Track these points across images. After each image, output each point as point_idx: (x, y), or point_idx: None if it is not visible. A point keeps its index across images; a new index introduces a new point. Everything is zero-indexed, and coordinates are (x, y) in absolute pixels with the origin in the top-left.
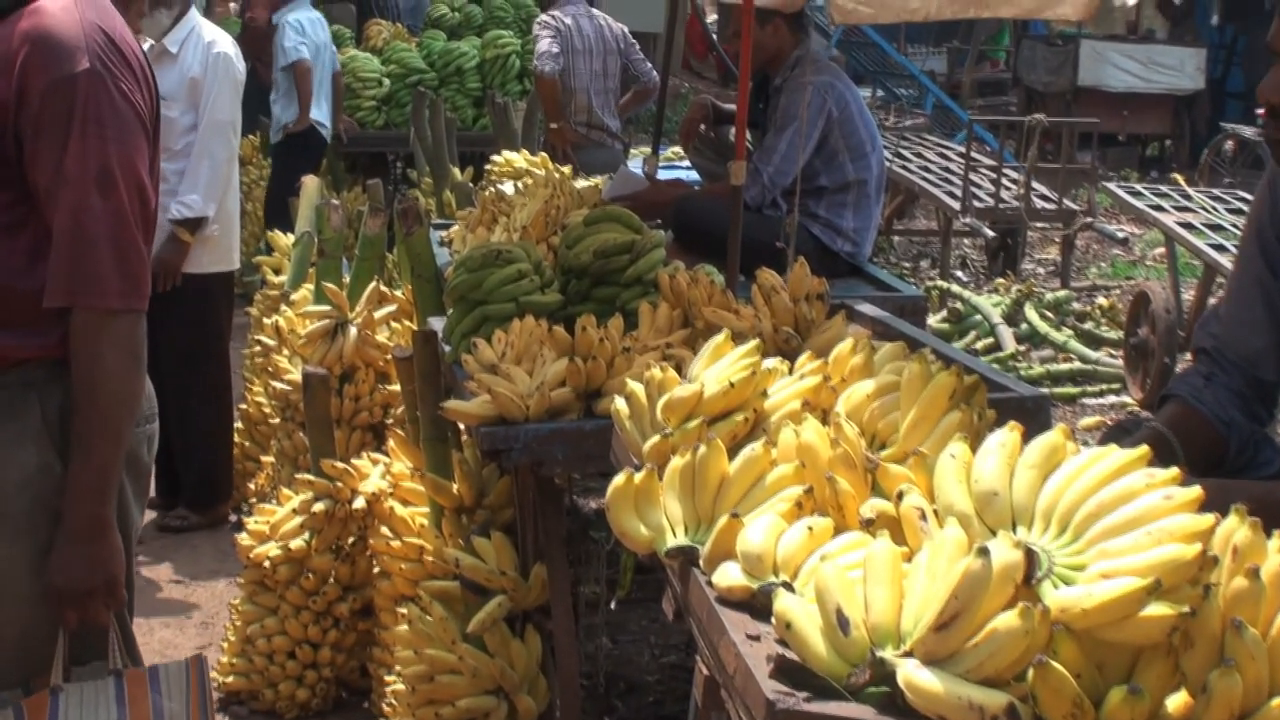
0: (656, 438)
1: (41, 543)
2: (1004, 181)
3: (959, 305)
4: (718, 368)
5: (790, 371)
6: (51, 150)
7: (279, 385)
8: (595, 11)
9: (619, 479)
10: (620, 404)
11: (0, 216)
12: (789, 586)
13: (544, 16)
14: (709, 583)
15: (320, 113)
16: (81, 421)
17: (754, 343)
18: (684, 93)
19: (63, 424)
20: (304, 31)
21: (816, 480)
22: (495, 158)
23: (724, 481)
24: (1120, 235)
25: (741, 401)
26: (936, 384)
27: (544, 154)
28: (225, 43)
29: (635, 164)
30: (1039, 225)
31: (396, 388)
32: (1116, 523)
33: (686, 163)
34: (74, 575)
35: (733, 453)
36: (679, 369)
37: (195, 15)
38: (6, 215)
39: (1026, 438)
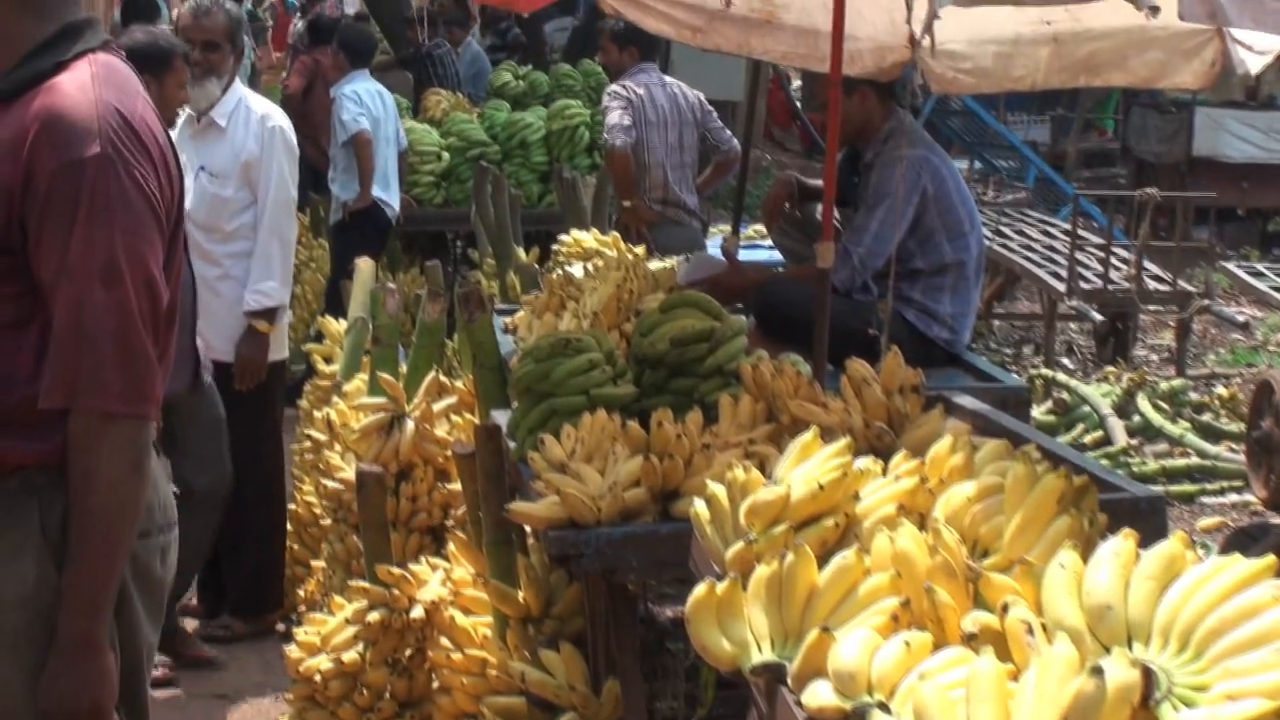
0: (740, 544)
1: (40, 660)
2: (1113, 261)
3: (1065, 396)
4: (805, 468)
5: (884, 472)
6: (55, 239)
7: (330, 484)
8: (669, 80)
9: (699, 589)
10: (700, 507)
11: (5, 311)
12: (885, 707)
13: (614, 86)
14: (798, 702)
15: (385, 191)
16: (76, 531)
17: (844, 441)
18: (766, 165)
19: (65, 535)
20: (361, 102)
21: (914, 591)
22: (563, 237)
23: (813, 592)
24: (1240, 319)
25: (831, 505)
26: (1043, 486)
27: (616, 233)
28: (278, 115)
29: (714, 242)
30: (1152, 308)
31: (457, 487)
32: (1242, 639)
33: (769, 241)
34: (57, 697)
35: (822, 561)
36: (763, 468)
37: (240, 86)
38: (11, 310)
39: (1142, 542)
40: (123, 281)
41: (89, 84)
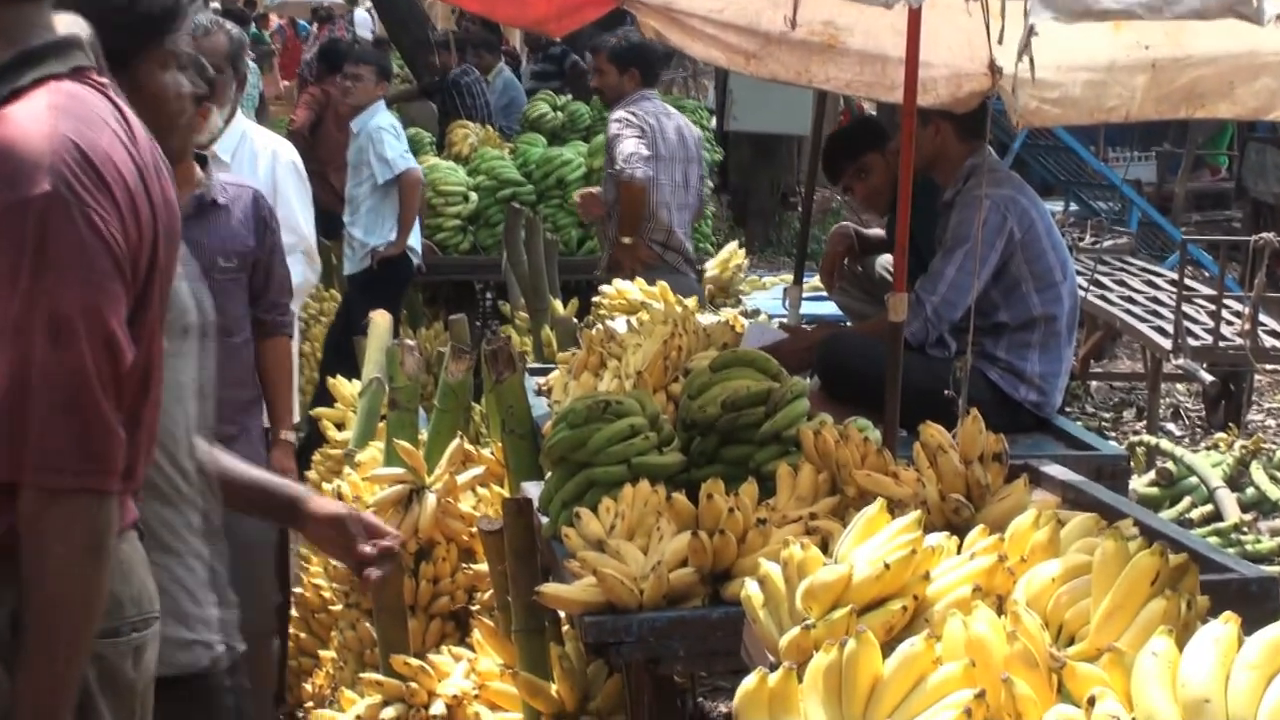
0: (796, 630)
1: None
2: (1225, 315)
3: (1170, 465)
4: (871, 545)
5: (959, 550)
6: None
7: (341, 565)
8: (673, 110)
9: (750, 680)
10: (753, 589)
11: None
12: None
13: (621, 113)
14: None
15: (410, 236)
16: (29, 626)
17: (916, 514)
18: (835, 207)
19: (15, 633)
20: (400, 137)
21: (990, 683)
22: (605, 288)
23: (877, 684)
24: None
25: (899, 586)
26: (1136, 565)
27: (663, 284)
28: (287, 149)
29: (774, 293)
30: (1269, 368)
31: (483, 567)
32: None
33: None
34: None
35: (888, 649)
36: (824, 546)
37: (243, 118)
38: None
39: (1250, 629)
40: (76, 339)
41: (43, 114)
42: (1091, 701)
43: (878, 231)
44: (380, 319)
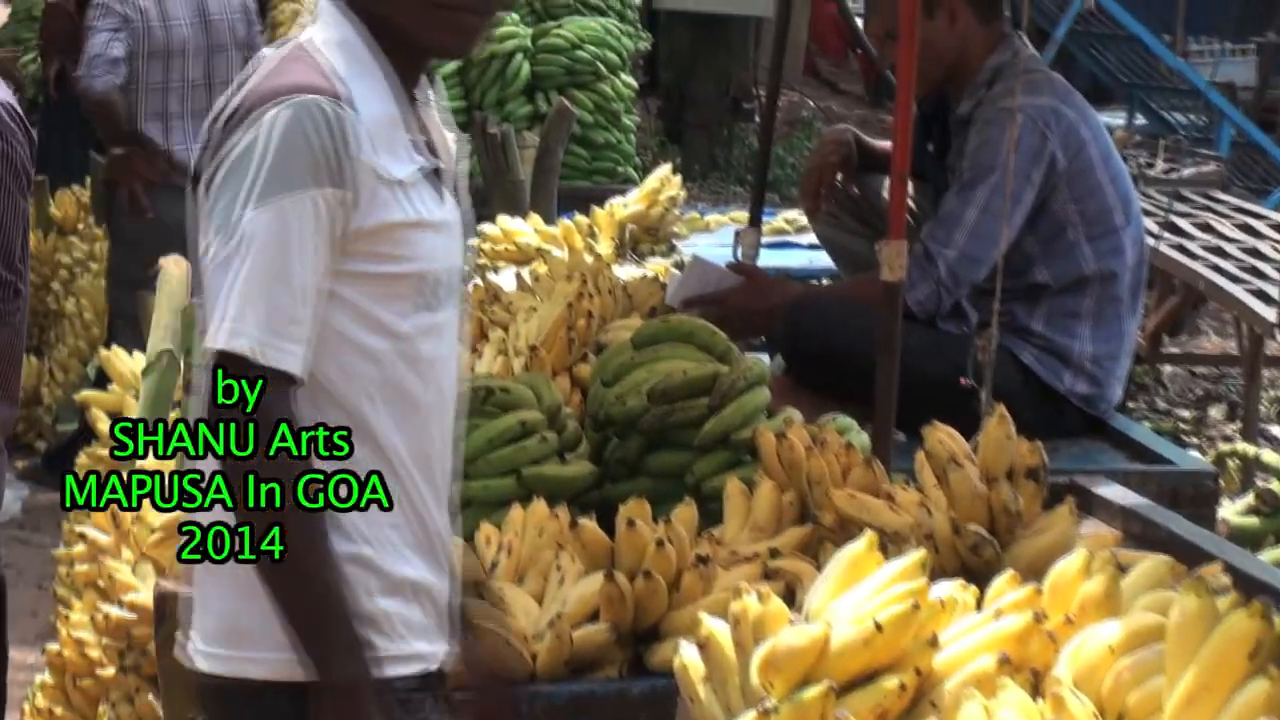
0: (751, 715)
1: None
2: None
3: (1275, 486)
4: (856, 596)
5: (980, 605)
6: None
7: (115, 612)
8: None
9: None
10: (690, 655)
11: None
12: None
13: None
14: None
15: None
16: None
17: (919, 554)
18: (808, 117)
19: None
20: None
21: None
22: (487, 228)
23: None
24: None
25: (895, 656)
26: (1227, 631)
27: (502, 219)
28: None
29: (716, 243)
30: None
31: None
32: None
33: (810, 238)
34: None
35: None
36: (790, 597)
37: None
38: None
39: None
40: None
41: None
42: None
43: (886, 144)
44: (174, 269)
